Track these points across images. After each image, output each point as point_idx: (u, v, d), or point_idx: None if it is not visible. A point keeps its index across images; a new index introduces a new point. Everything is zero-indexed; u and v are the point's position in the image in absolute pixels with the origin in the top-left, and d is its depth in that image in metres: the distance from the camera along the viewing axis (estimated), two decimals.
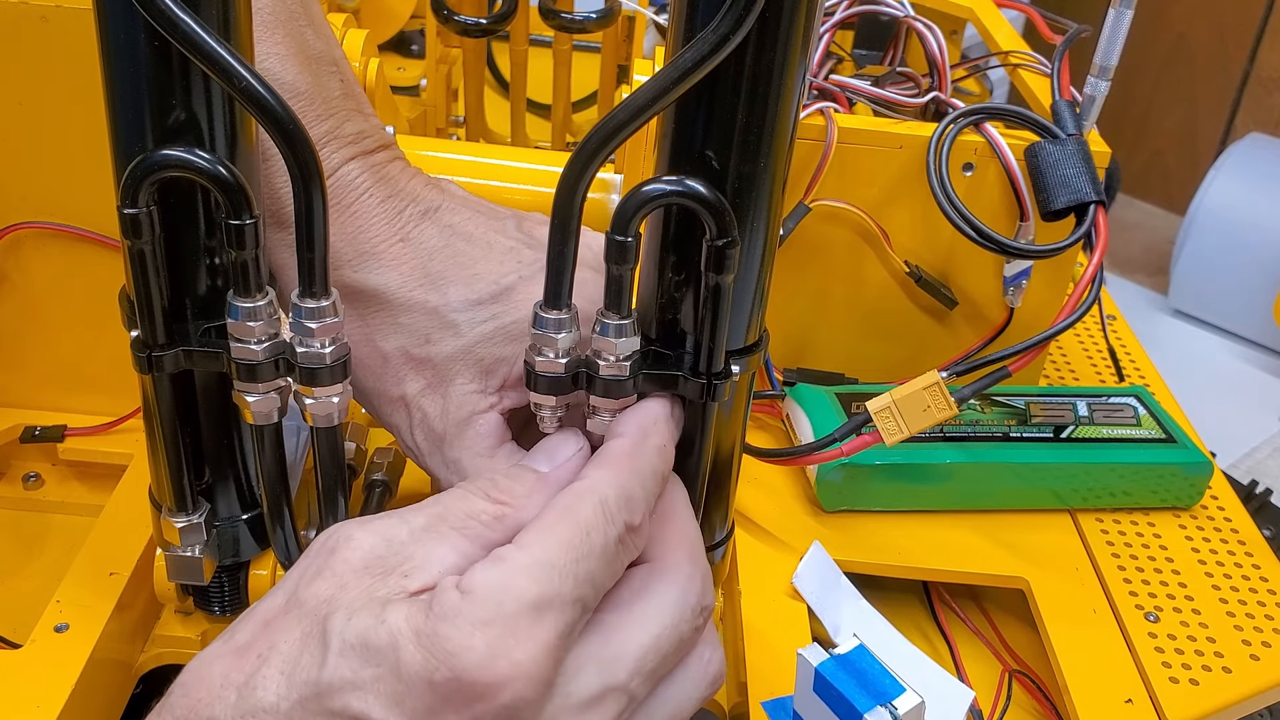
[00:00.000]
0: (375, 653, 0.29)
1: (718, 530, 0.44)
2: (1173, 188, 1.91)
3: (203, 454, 0.42)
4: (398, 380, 0.43)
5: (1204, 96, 1.89)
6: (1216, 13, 1.84)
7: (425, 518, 0.34)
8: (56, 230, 0.50)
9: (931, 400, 0.48)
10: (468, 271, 0.43)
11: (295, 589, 0.32)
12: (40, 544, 0.52)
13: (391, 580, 0.32)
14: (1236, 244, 1.53)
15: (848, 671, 0.34)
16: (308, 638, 0.30)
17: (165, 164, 0.35)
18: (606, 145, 0.35)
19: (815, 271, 0.57)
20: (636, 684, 0.33)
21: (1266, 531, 0.76)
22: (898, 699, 0.33)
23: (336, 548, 0.33)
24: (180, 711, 0.31)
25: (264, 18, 0.41)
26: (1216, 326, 1.61)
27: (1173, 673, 0.47)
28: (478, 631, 0.29)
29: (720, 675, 0.36)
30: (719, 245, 0.36)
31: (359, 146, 0.43)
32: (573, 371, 0.39)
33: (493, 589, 0.30)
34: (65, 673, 0.42)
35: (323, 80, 0.43)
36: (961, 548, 0.53)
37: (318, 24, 0.44)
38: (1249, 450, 1.33)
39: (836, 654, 0.35)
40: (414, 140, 0.69)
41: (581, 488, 0.34)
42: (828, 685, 0.34)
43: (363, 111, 0.45)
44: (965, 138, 0.54)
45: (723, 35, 0.34)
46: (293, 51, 0.42)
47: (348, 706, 0.29)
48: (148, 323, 0.38)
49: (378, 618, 0.30)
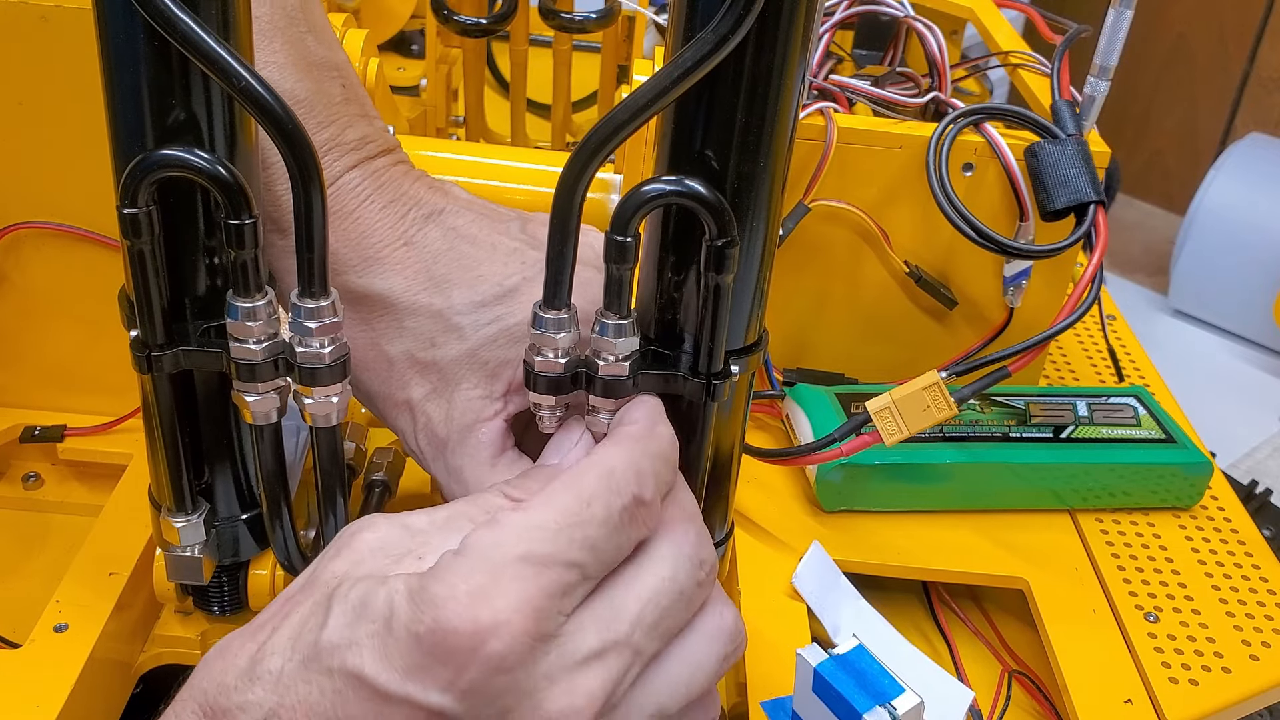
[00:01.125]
0: (371, 611, 0.30)
1: (717, 530, 0.44)
2: (1173, 188, 1.92)
3: (202, 454, 0.42)
4: (403, 384, 0.43)
5: (1204, 96, 1.90)
6: (1216, 13, 1.84)
7: (448, 511, 0.35)
8: (56, 230, 0.50)
9: (931, 400, 0.48)
10: (471, 274, 0.43)
11: (314, 569, 0.33)
12: (40, 544, 0.52)
13: (405, 562, 0.33)
14: (1236, 244, 1.53)
15: (847, 672, 0.34)
16: (316, 606, 0.31)
17: (164, 164, 0.35)
18: (606, 145, 0.35)
19: (815, 272, 0.57)
20: (639, 637, 0.32)
21: (1266, 531, 0.76)
22: (897, 699, 0.33)
23: (358, 532, 0.34)
24: (199, 681, 0.31)
25: (262, 25, 0.41)
26: (1216, 326, 1.61)
27: (1172, 673, 0.47)
28: (461, 582, 0.30)
29: (738, 631, 0.35)
30: (718, 245, 0.36)
31: (362, 152, 0.43)
32: (572, 371, 0.39)
33: (484, 546, 0.31)
34: (64, 673, 0.42)
35: (324, 86, 0.43)
36: (961, 548, 0.53)
37: (319, 29, 0.44)
38: (1249, 450, 1.33)
39: (835, 654, 0.35)
40: (414, 140, 0.69)
41: (589, 461, 0.34)
42: (827, 685, 0.34)
43: (366, 115, 0.45)
44: (965, 138, 0.54)
45: (722, 35, 0.34)
46: (292, 59, 0.42)
47: (344, 663, 0.30)
48: (147, 322, 0.38)
49: (379, 582, 0.31)
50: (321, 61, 0.43)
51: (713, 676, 0.35)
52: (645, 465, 0.34)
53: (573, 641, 0.31)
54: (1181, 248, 1.59)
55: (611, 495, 0.33)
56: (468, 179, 0.63)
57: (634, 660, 0.32)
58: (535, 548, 0.31)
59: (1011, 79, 0.67)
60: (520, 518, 0.31)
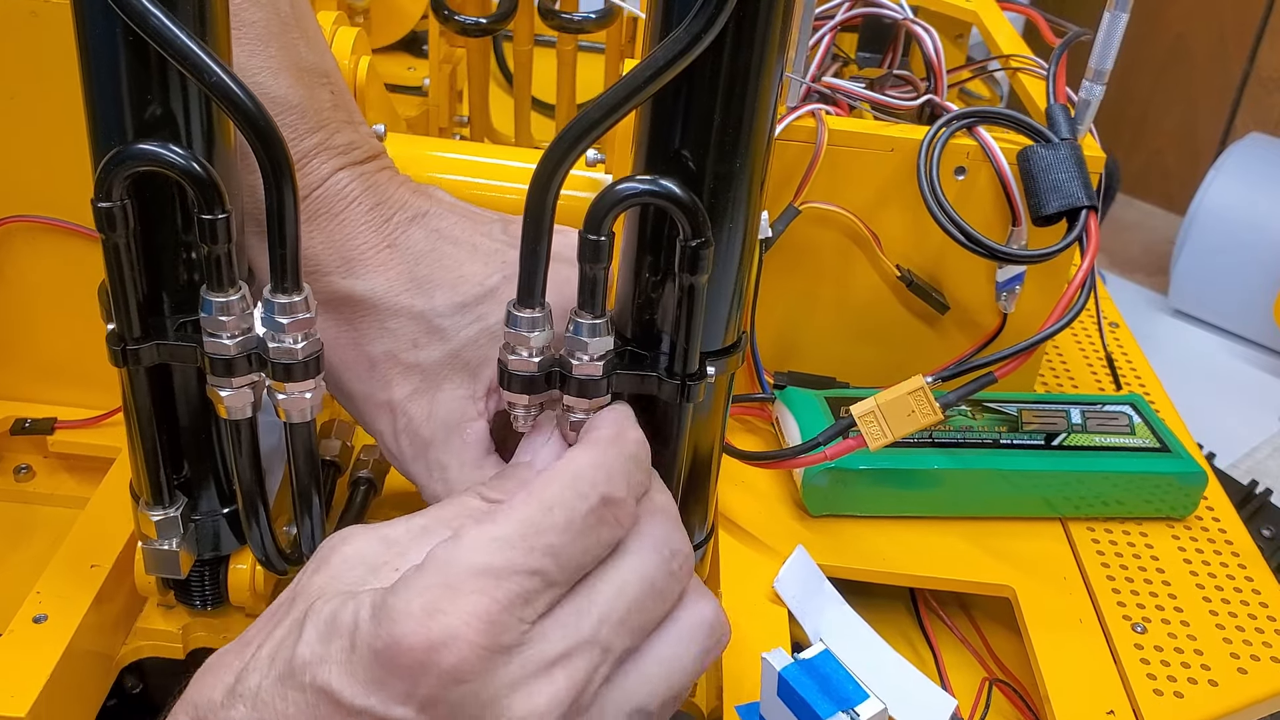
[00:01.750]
0: (340, 627, 0.31)
1: (697, 531, 0.44)
2: (1173, 188, 1.91)
3: (181, 448, 0.42)
4: (385, 385, 0.44)
5: (1204, 96, 1.89)
6: (1216, 13, 1.83)
7: (426, 519, 0.35)
8: (47, 224, 0.50)
9: (916, 405, 0.48)
10: (453, 275, 0.43)
11: (297, 583, 0.34)
12: (29, 535, 0.53)
13: (382, 574, 0.33)
14: (1236, 244, 1.53)
15: (811, 676, 0.33)
16: (294, 624, 0.32)
17: (138, 158, 0.35)
18: (579, 143, 0.35)
19: (805, 274, 0.57)
20: (607, 633, 0.32)
21: (1267, 531, 0.75)
22: (860, 705, 0.33)
23: (337, 546, 0.34)
24: (192, 695, 0.32)
25: (258, 31, 0.42)
26: (1216, 326, 1.60)
27: (1157, 684, 0.47)
28: (417, 597, 0.30)
29: (718, 624, 0.35)
30: (693, 246, 0.36)
31: (348, 157, 0.44)
32: (546, 370, 0.39)
33: (443, 560, 0.31)
34: (41, 663, 0.42)
35: (314, 92, 0.43)
36: (948, 554, 0.52)
37: (311, 36, 0.44)
38: (1249, 450, 1.32)
39: (801, 659, 0.34)
40: (417, 140, 0.69)
41: (555, 468, 0.34)
42: (790, 690, 0.34)
43: (353, 122, 0.45)
44: (958, 141, 0.53)
45: (695, 34, 0.34)
46: (285, 65, 0.42)
47: (315, 679, 0.30)
48: (123, 316, 0.38)
49: (350, 598, 0.31)
50: (312, 68, 0.43)
51: (692, 672, 0.34)
52: (615, 465, 0.34)
53: (536, 648, 0.31)
54: (1181, 248, 1.59)
55: (576, 499, 0.32)
56: (469, 179, 0.64)
57: (603, 658, 0.32)
58: (493, 559, 0.31)
59: (1011, 82, 0.66)
60: (481, 530, 0.31)
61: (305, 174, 0.43)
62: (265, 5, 0.42)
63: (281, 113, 0.42)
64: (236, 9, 0.41)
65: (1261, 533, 0.55)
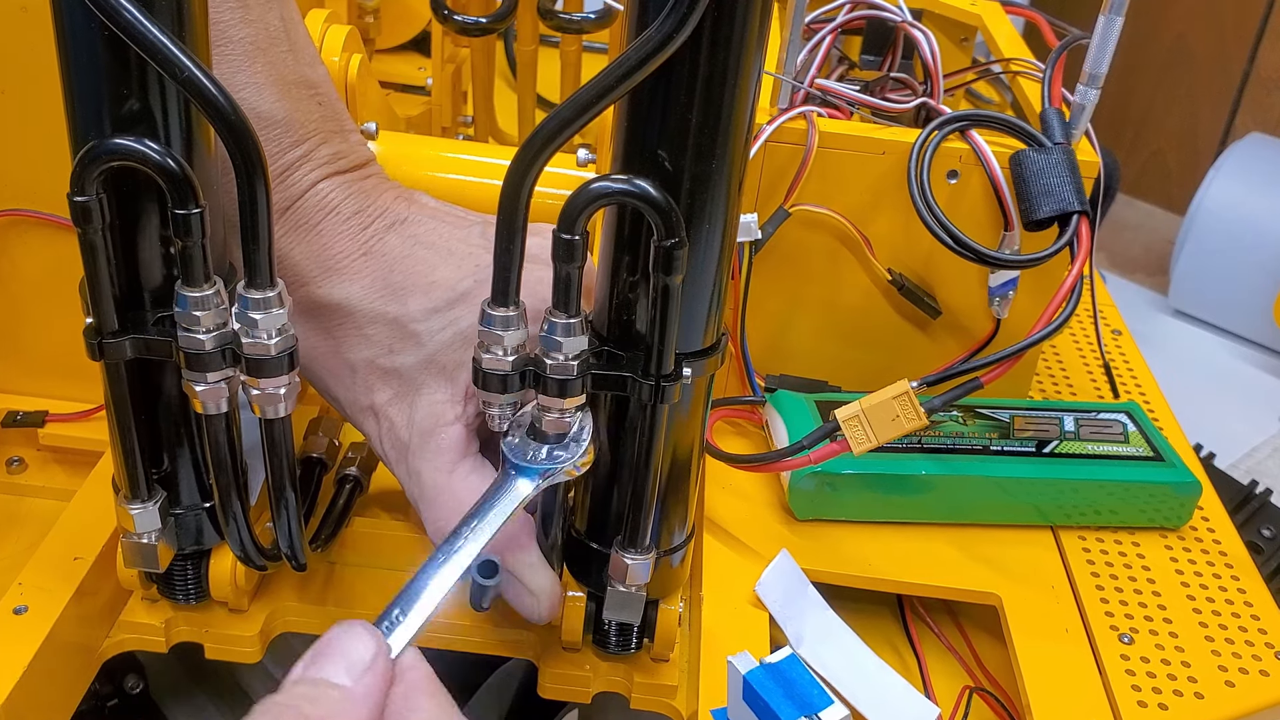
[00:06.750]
0: None
1: (676, 534, 0.44)
2: (1173, 188, 1.90)
3: (161, 442, 0.42)
4: (367, 390, 0.44)
5: (1204, 96, 1.88)
6: (1216, 13, 1.83)
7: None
8: (39, 219, 0.51)
9: (901, 410, 0.47)
10: (426, 280, 0.44)
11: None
12: (18, 527, 0.53)
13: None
14: (1236, 244, 1.52)
15: (776, 681, 0.33)
16: None
17: (114, 153, 0.35)
18: (552, 142, 0.35)
19: (796, 277, 0.57)
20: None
21: (1266, 531, 0.74)
22: (824, 711, 0.32)
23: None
24: None
25: (244, 48, 0.42)
26: (1216, 326, 1.60)
27: (1142, 696, 0.46)
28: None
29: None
30: (666, 246, 0.36)
31: (333, 166, 0.44)
32: (520, 369, 0.39)
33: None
34: (19, 654, 0.42)
35: (300, 105, 0.43)
36: (934, 561, 0.52)
37: (299, 47, 0.44)
38: (1249, 450, 1.31)
39: (767, 662, 0.34)
40: (418, 140, 0.69)
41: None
42: (755, 694, 0.33)
43: (342, 130, 0.45)
44: (951, 145, 0.53)
45: (667, 33, 0.33)
46: (271, 80, 0.42)
47: None
48: (99, 310, 0.38)
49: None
50: (299, 80, 0.44)
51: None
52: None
53: None
54: (1181, 248, 1.58)
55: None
56: (469, 179, 0.64)
57: None
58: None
59: (1011, 86, 0.66)
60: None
61: (288, 186, 0.43)
62: (254, 21, 0.42)
63: (266, 128, 0.42)
64: (225, 26, 0.41)
65: (1261, 533, 0.55)
